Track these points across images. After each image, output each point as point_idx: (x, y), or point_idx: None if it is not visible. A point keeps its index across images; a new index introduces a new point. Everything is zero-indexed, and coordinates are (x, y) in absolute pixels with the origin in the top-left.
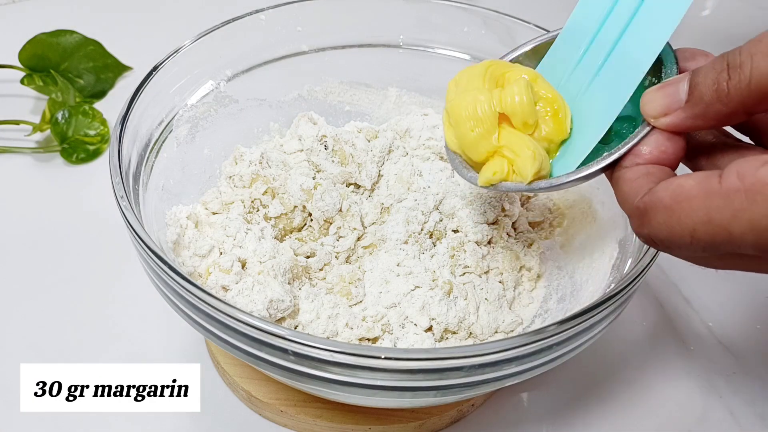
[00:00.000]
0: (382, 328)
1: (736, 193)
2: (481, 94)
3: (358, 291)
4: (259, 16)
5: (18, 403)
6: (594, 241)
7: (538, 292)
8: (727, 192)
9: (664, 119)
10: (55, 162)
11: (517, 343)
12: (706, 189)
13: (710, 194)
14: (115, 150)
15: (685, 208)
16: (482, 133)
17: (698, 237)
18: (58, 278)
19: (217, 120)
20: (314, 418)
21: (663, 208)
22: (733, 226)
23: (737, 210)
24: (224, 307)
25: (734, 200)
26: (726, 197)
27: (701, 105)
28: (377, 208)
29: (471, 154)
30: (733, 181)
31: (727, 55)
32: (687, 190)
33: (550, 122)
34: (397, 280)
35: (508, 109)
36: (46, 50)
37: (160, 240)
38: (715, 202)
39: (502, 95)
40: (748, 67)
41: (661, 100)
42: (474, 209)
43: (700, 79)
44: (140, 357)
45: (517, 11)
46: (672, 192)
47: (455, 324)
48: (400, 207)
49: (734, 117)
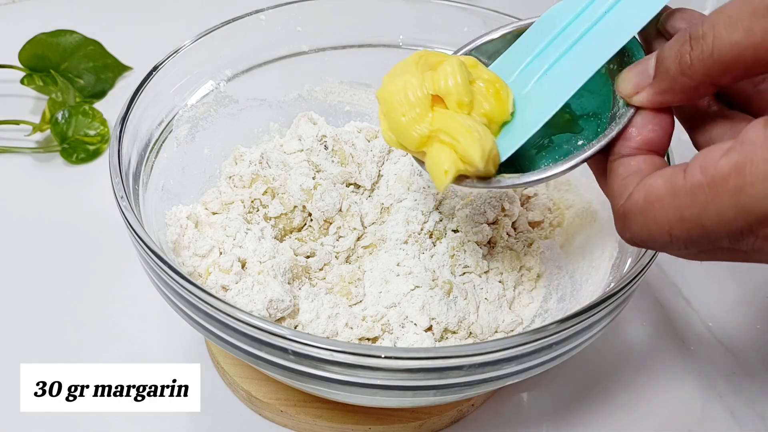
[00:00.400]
0: (381, 327)
1: (700, 187)
2: (413, 77)
3: (358, 291)
4: (259, 16)
5: (18, 403)
6: (594, 240)
7: (538, 291)
8: (692, 187)
9: (637, 97)
10: (55, 162)
11: (517, 342)
12: (672, 186)
13: (677, 191)
14: (115, 150)
15: (657, 209)
16: (414, 118)
17: (676, 235)
18: (58, 278)
19: (217, 120)
20: (314, 418)
21: (638, 210)
22: (704, 220)
23: (704, 204)
24: (224, 307)
25: (699, 195)
26: (691, 193)
27: (667, 79)
28: (377, 208)
29: (405, 142)
30: (696, 175)
31: (689, 27)
32: (656, 190)
33: (491, 99)
34: (396, 279)
35: (441, 89)
36: (46, 50)
37: (160, 240)
38: (683, 199)
39: (435, 76)
40: (710, 37)
41: (632, 78)
42: (474, 209)
43: (665, 53)
44: (140, 357)
45: (517, 11)
46: (644, 194)
47: (455, 324)
48: (400, 207)
49: (702, 89)
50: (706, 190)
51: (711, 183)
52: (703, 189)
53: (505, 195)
